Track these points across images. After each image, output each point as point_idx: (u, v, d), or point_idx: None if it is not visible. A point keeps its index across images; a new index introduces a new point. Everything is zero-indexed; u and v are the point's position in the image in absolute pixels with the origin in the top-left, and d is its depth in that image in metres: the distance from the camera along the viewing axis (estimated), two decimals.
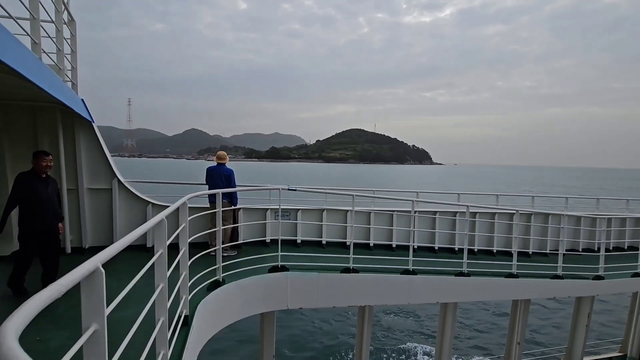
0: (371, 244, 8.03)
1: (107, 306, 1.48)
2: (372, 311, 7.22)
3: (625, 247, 9.60)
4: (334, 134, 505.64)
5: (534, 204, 10.12)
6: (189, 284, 3.70)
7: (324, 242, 7.87)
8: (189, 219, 3.51)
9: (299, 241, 7.71)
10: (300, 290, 5.61)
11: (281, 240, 5.54)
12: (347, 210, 7.94)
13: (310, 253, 6.81)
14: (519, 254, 8.65)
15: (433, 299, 6.49)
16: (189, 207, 4.05)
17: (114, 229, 6.47)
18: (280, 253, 5.45)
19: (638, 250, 8.23)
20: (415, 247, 8.12)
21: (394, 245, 7.91)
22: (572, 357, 9.35)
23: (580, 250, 9.38)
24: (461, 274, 6.45)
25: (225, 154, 6.92)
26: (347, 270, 5.91)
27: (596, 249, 8.83)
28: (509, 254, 7.43)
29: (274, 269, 5.50)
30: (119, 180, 6.45)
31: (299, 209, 7.91)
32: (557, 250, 7.38)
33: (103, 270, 1.42)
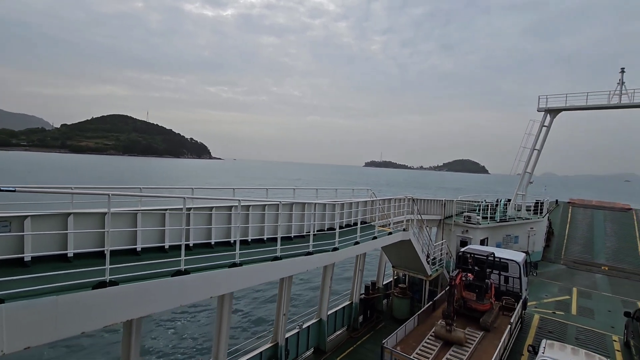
0: (138, 249, 7.03)
1: None
2: (140, 324, 6.40)
3: (352, 224, 13.10)
4: (89, 119, 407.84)
5: (295, 196, 12.02)
6: None
7: (70, 255, 6.17)
8: None
9: (27, 259, 5.68)
10: (25, 325, 4.12)
11: None
12: (104, 213, 6.57)
13: (49, 272, 5.14)
14: (284, 238, 10.06)
15: (207, 294, 6.43)
16: None
17: None
18: None
19: (357, 226, 11.46)
20: (191, 244, 7.81)
21: (166, 247, 7.27)
22: (322, 312, 11.98)
23: (326, 229, 12.01)
24: (234, 264, 6.75)
25: None
26: (102, 284, 4.87)
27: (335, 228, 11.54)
28: (275, 240, 8.45)
29: None
30: None
31: (27, 216, 5.81)
32: (309, 232, 9.09)
33: None
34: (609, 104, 23.90)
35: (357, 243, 10.88)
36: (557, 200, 38.67)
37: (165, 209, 7.54)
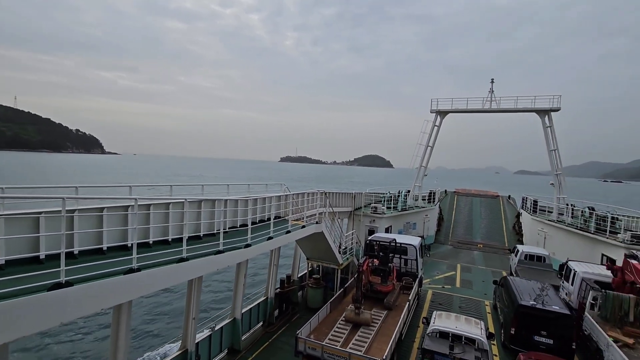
0: (2, 262, 5.79)
1: None
2: (7, 349, 5.34)
3: (266, 219, 12.98)
4: None
5: (203, 192, 11.36)
6: None
7: None
8: None
9: None
10: None
11: None
12: None
13: None
14: (193, 238, 9.45)
15: (97, 306, 5.66)
16: None
17: None
18: None
19: (270, 221, 11.43)
20: (76, 252, 6.78)
21: (41, 257, 6.16)
22: (236, 311, 11.69)
23: (239, 226, 11.67)
24: (131, 270, 6.09)
25: None
26: None
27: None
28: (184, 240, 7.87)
29: None
30: None
31: None
32: (219, 230, 8.72)
33: None
34: (482, 108, 28.52)
35: (270, 238, 10.86)
36: (446, 190, 44.77)
37: (40, 212, 6.36)
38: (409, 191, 31.65)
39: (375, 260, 15.23)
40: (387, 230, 25.10)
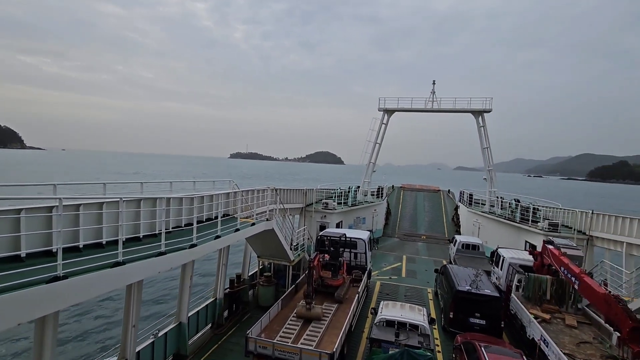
0: None
1: None
2: None
3: (213, 217, 12.48)
4: None
5: (142, 190, 10.59)
6: None
7: None
8: None
9: None
10: None
11: None
12: None
13: None
14: (131, 239, 8.77)
15: (12, 321, 4.99)
16: None
17: None
18: None
19: (217, 219, 11.01)
20: None
21: None
22: (182, 314, 11.13)
23: (184, 225, 11.07)
24: (56, 278, 5.48)
25: None
26: None
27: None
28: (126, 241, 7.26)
29: None
30: None
31: None
32: (161, 231, 8.19)
33: None
34: (425, 108, 30.25)
35: (218, 237, 10.48)
36: (393, 185, 46.85)
37: None
38: (358, 187, 32.57)
39: (326, 255, 15.45)
40: (338, 226, 25.60)
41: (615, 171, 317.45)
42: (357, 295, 14.15)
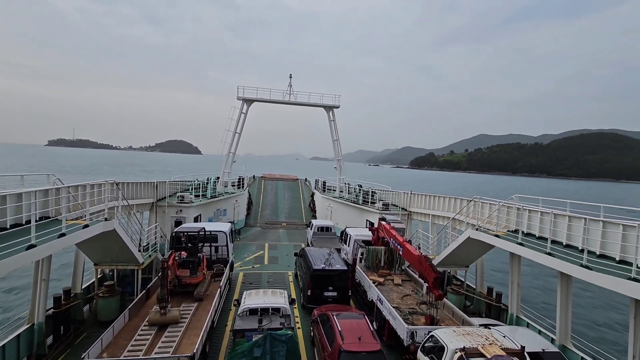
0: None
1: None
2: None
3: (24, 222, 9.65)
4: None
5: None
6: None
7: None
8: None
9: None
10: None
11: None
12: None
13: None
14: None
15: None
16: None
17: None
18: None
19: (31, 224, 8.60)
20: None
21: None
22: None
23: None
24: None
25: None
26: None
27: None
28: None
29: None
30: None
31: None
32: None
33: None
34: (283, 100, 31.40)
35: (31, 247, 8.22)
36: (254, 176, 47.11)
37: None
38: (218, 178, 31.29)
39: (182, 252, 14.31)
40: (196, 220, 24.03)
41: (426, 161, 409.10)
42: (219, 289, 13.72)
